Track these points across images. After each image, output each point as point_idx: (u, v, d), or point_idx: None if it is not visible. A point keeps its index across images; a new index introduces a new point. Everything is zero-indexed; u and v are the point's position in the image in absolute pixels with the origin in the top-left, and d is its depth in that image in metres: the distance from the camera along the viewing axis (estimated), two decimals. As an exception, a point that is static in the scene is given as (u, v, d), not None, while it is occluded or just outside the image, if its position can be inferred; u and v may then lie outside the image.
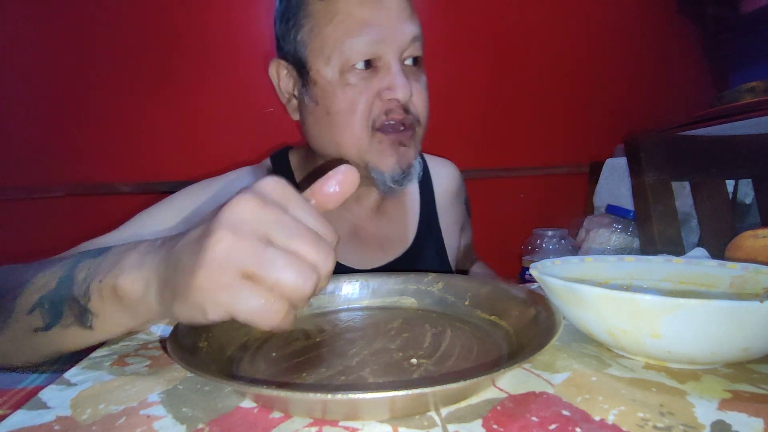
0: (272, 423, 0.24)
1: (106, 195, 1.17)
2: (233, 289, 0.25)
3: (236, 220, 0.25)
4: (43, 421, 0.26)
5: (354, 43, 0.50)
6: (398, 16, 0.52)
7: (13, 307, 0.34)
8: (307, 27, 0.52)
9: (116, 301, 0.30)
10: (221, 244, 0.25)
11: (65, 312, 0.32)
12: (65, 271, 0.33)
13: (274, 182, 0.28)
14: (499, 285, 0.41)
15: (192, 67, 1.17)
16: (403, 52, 0.53)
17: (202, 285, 0.25)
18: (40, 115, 1.14)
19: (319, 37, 0.52)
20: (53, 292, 0.33)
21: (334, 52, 0.51)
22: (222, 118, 1.20)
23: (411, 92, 0.53)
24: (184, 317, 0.28)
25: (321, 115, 0.54)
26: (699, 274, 0.39)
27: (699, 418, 0.23)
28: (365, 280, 0.47)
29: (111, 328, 0.32)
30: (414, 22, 0.54)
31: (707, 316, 0.25)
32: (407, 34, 0.52)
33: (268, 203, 0.26)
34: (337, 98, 0.52)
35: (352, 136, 0.53)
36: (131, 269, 0.29)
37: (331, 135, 0.55)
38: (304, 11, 0.53)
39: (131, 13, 1.13)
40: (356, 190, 0.31)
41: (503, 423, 0.23)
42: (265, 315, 0.25)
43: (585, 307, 0.30)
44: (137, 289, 0.29)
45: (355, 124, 0.53)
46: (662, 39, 1.48)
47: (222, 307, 0.25)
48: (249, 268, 0.25)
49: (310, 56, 0.53)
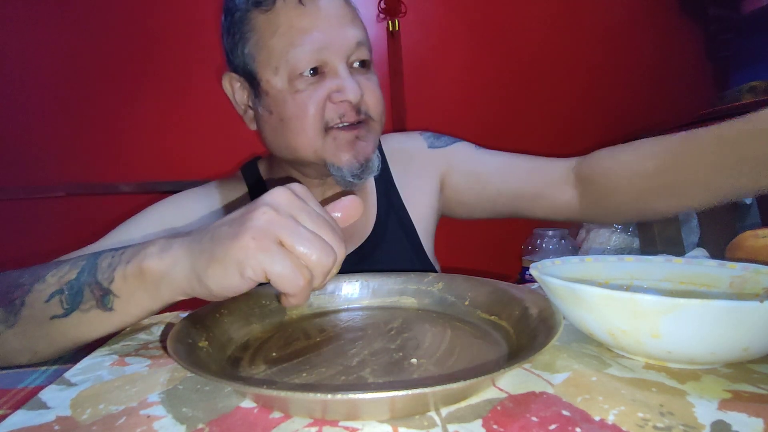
0: (272, 423, 0.24)
1: (106, 195, 1.17)
2: (271, 251, 0.30)
3: (276, 202, 0.32)
4: (43, 421, 0.26)
5: (298, 52, 0.52)
6: (339, 23, 0.53)
7: (24, 302, 0.37)
8: (253, 40, 0.55)
9: (140, 280, 0.34)
10: (265, 216, 0.31)
11: (86, 296, 0.36)
12: (87, 262, 0.37)
13: (299, 186, 0.34)
14: (499, 285, 0.41)
15: (192, 68, 1.16)
16: (348, 56, 0.55)
17: (247, 244, 0.30)
18: (40, 115, 1.14)
19: (265, 50, 0.54)
20: (75, 281, 0.36)
21: (280, 62, 0.53)
22: (222, 118, 1.19)
23: (361, 92, 0.54)
24: (216, 280, 0.31)
25: (275, 123, 0.56)
26: (699, 274, 0.39)
27: (699, 418, 0.23)
28: (365, 280, 0.47)
29: (130, 309, 0.36)
30: (357, 27, 0.55)
31: (707, 316, 0.25)
32: (350, 39, 0.54)
33: (297, 196, 0.33)
34: (288, 105, 0.54)
35: (306, 139, 0.55)
36: (158, 252, 0.34)
37: (286, 141, 0.56)
38: (248, 25, 0.54)
39: (131, 13, 1.13)
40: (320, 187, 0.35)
41: (503, 423, 0.23)
42: (292, 278, 0.30)
43: (585, 307, 0.30)
44: (163, 266, 0.34)
45: (308, 128, 0.54)
46: (663, 39, 1.48)
47: (260, 265, 0.30)
48: (284, 238, 0.31)
49: (258, 68, 0.55)
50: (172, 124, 1.18)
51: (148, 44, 1.14)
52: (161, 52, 1.15)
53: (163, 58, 1.15)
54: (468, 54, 1.30)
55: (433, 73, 1.27)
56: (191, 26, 1.15)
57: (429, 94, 1.27)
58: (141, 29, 1.14)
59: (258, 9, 0.53)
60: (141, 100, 1.15)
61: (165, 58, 1.15)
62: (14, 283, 0.38)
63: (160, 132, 1.17)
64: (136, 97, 1.15)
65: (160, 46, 1.15)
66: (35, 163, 1.15)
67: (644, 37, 1.44)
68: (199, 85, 1.17)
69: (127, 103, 1.15)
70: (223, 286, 0.32)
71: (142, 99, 1.15)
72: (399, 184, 0.70)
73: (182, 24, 1.15)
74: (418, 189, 0.70)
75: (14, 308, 0.37)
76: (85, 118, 1.15)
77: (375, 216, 0.68)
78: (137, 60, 1.15)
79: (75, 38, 1.12)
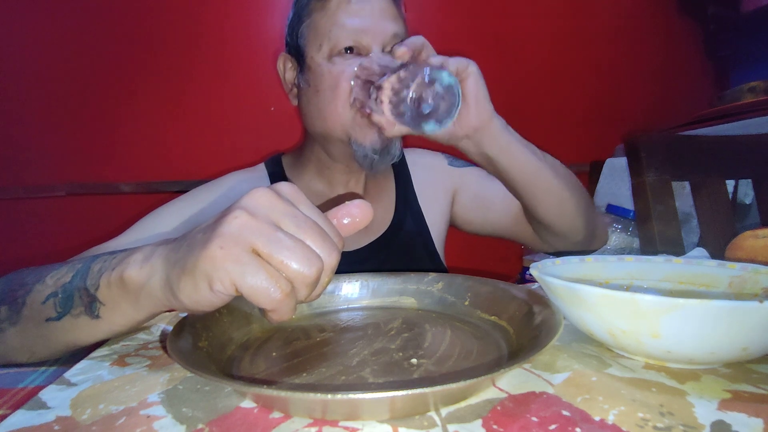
0: (272, 423, 0.24)
1: (106, 195, 1.17)
2: (242, 261, 0.27)
3: (252, 205, 0.28)
4: (43, 421, 0.26)
5: (339, 31, 0.59)
6: (381, 15, 0.60)
7: (24, 301, 0.37)
8: (307, 22, 0.62)
9: (122, 289, 0.33)
10: (237, 220, 0.27)
11: (76, 301, 0.35)
12: (83, 265, 0.36)
13: (288, 185, 0.31)
14: (499, 285, 0.41)
15: (193, 67, 1.16)
16: (384, 45, 0.60)
17: (214, 254, 0.27)
18: (41, 115, 1.14)
19: (314, 30, 0.61)
20: (68, 284, 0.35)
21: (324, 39, 0.60)
22: (222, 117, 1.20)
23: None
24: (187, 293, 0.29)
25: (312, 95, 0.62)
26: (699, 274, 0.39)
27: (699, 418, 0.23)
28: (365, 280, 0.47)
29: (116, 318, 0.34)
30: (397, 23, 0.61)
31: (707, 316, 0.25)
32: (388, 29, 0.60)
33: (281, 198, 0.29)
34: (325, 77, 0.60)
35: (334, 112, 0.60)
36: (139, 261, 0.32)
37: (318, 111, 0.62)
38: (307, 9, 0.62)
39: (131, 14, 1.13)
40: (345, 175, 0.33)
41: (503, 423, 0.23)
42: (267, 291, 0.27)
43: (585, 307, 0.30)
44: (142, 276, 0.31)
45: (338, 99, 0.59)
46: (663, 38, 1.48)
47: (229, 277, 0.27)
48: (259, 246, 0.27)
49: (306, 46, 0.62)
50: (172, 124, 1.17)
51: (148, 44, 1.14)
52: (162, 52, 1.15)
53: (163, 58, 1.15)
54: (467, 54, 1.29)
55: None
56: (192, 26, 1.15)
57: (429, 94, 1.27)
58: (141, 29, 1.14)
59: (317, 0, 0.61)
60: (141, 100, 1.15)
61: (165, 58, 1.15)
62: (21, 282, 0.39)
63: (160, 132, 1.17)
64: (136, 97, 1.15)
65: (161, 45, 1.15)
66: (35, 163, 1.15)
67: (643, 36, 1.44)
68: (200, 85, 1.17)
69: (128, 103, 1.15)
70: (194, 301, 0.29)
71: (143, 99, 1.15)
72: (418, 189, 0.75)
73: (183, 24, 1.15)
74: (434, 197, 0.75)
75: (17, 307, 0.37)
76: (85, 117, 1.15)
77: (393, 211, 0.72)
78: (137, 60, 1.15)
79: (75, 38, 1.12)
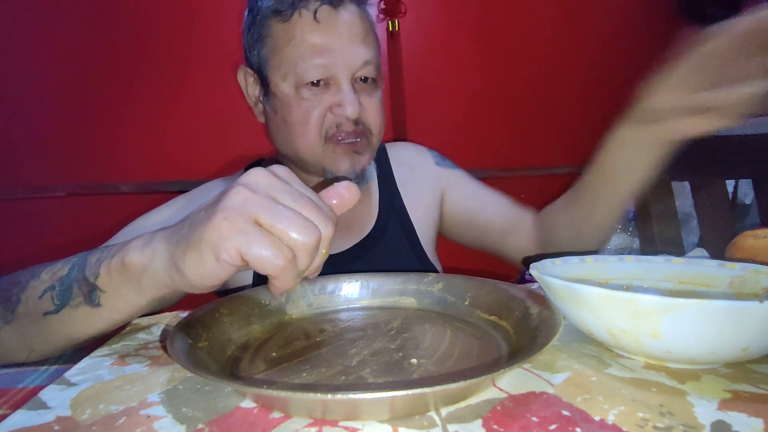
0: (272, 423, 0.24)
1: (106, 195, 1.17)
2: (246, 231, 0.28)
3: (253, 182, 0.30)
4: (43, 421, 0.26)
5: (306, 65, 0.56)
6: (350, 42, 0.57)
7: (19, 299, 0.37)
8: (269, 45, 0.58)
9: (123, 275, 0.34)
10: (238, 195, 0.29)
11: (75, 292, 0.35)
12: (79, 258, 0.37)
13: (282, 167, 0.32)
14: (499, 285, 0.41)
15: (192, 68, 1.16)
16: (354, 73, 0.58)
17: (219, 225, 0.28)
18: (41, 115, 1.14)
19: (278, 56, 0.58)
20: (66, 276, 0.36)
21: (289, 71, 0.57)
22: (222, 118, 1.20)
23: (359, 109, 0.58)
24: (193, 267, 0.30)
25: (279, 123, 0.61)
26: (699, 274, 0.39)
27: (699, 418, 0.23)
28: (365, 280, 0.47)
29: (117, 304, 0.35)
30: (367, 46, 0.58)
31: (707, 316, 0.25)
32: (358, 58, 0.57)
33: (278, 177, 0.31)
34: (293, 110, 0.58)
35: (306, 144, 0.59)
36: (139, 245, 0.34)
37: (288, 141, 0.61)
38: (266, 30, 0.58)
39: (131, 14, 1.13)
40: None
41: (503, 423, 0.23)
42: (271, 258, 0.28)
43: (585, 307, 0.30)
44: (144, 259, 0.33)
45: (309, 134, 0.58)
46: (662, 39, 1.48)
47: (234, 246, 0.28)
48: (261, 217, 0.29)
49: (270, 71, 0.59)
50: (173, 124, 1.17)
51: (148, 44, 1.14)
52: (162, 51, 1.15)
53: (163, 58, 1.15)
54: (467, 54, 1.30)
55: (432, 73, 1.27)
56: (192, 26, 1.15)
57: (428, 94, 1.27)
58: (141, 29, 1.14)
59: (277, 18, 0.57)
60: (141, 100, 1.15)
61: (165, 58, 1.15)
62: (14, 280, 0.39)
63: (160, 132, 1.17)
64: (136, 97, 1.15)
65: (161, 45, 1.15)
66: (35, 163, 1.15)
67: (642, 36, 1.43)
68: (200, 85, 1.17)
69: (128, 103, 1.15)
70: (200, 274, 0.30)
71: (143, 99, 1.15)
72: (401, 187, 0.73)
73: (183, 24, 1.15)
74: (420, 196, 0.73)
75: (11, 305, 0.37)
76: (85, 118, 1.15)
77: (377, 214, 0.70)
78: (137, 60, 1.14)
79: (75, 38, 1.12)
